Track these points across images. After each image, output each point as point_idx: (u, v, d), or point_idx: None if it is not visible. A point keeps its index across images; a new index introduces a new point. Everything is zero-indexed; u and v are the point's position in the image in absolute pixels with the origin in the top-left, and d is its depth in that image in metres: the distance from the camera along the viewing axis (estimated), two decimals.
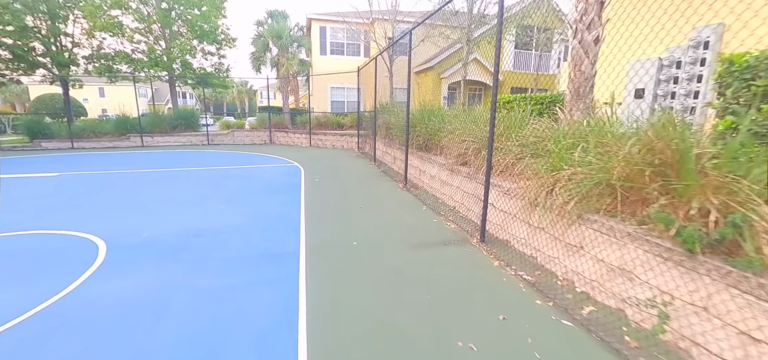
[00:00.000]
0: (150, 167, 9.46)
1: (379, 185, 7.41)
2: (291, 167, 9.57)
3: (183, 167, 9.50)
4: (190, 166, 9.79)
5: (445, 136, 6.78)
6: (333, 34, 19.44)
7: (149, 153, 12.92)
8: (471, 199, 5.16)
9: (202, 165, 9.97)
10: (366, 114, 13.94)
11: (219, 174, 8.50)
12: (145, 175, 8.45)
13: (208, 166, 9.68)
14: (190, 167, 9.50)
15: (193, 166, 9.65)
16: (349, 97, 20.15)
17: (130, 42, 17.23)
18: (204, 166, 9.82)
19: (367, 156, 11.82)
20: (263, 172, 8.84)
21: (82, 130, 16.81)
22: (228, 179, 7.83)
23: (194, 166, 9.64)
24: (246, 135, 16.43)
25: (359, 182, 7.68)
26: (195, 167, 9.50)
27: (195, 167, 9.50)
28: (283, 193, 6.62)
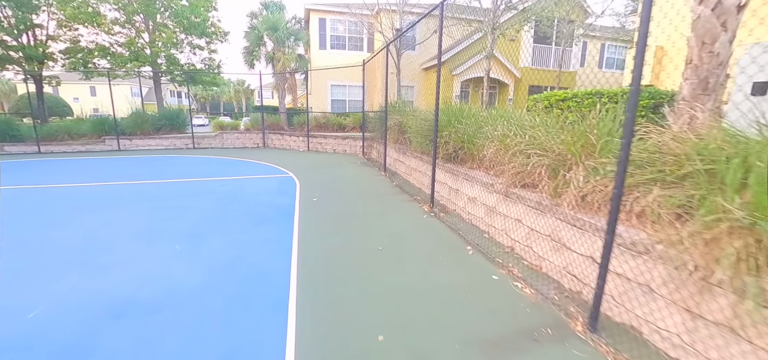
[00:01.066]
0: (111, 179, 7.73)
1: (398, 208, 5.69)
2: (284, 180, 7.84)
3: (152, 179, 7.78)
4: (162, 177, 8.06)
5: (485, 145, 5.08)
6: (333, 26, 17.72)
7: (121, 159, 11.18)
8: (547, 243, 3.44)
9: (176, 176, 8.24)
10: (372, 115, 12.24)
11: (192, 190, 6.77)
12: (97, 191, 6.72)
13: (182, 178, 7.95)
14: (160, 179, 7.78)
15: (164, 178, 7.92)
16: (351, 95, 18.44)
17: (109, 34, 15.47)
18: (178, 177, 8.09)
19: (375, 164, 10.10)
20: (249, 186, 7.11)
21: (56, 131, 15.11)
22: (201, 199, 6.10)
23: (166, 178, 7.92)
24: (236, 138, 14.70)
25: (371, 203, 5.95)
26: (166, 179, 7.78)
27: (166, 179, 7.78)
28: (270, 222, 4.90)
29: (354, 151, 12.40)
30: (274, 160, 10.62)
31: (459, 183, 5.34)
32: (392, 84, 17.69)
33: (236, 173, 8.58)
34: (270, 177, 8.15)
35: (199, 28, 16.85)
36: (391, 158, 8.88)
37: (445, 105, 7.14)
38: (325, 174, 8.52)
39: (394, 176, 8.15)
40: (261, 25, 16.68)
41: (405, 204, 5.88)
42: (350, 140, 12.50)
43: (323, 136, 13.14)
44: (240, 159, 11.04)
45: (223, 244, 4.05)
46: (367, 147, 11.79)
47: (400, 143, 9.06)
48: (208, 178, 7.99)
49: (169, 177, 8.08)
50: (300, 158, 11.29)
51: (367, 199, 6.15)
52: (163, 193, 6.53)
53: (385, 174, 8.47)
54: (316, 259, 3.66)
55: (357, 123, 15.50)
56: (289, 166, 9.48)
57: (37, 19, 15.33)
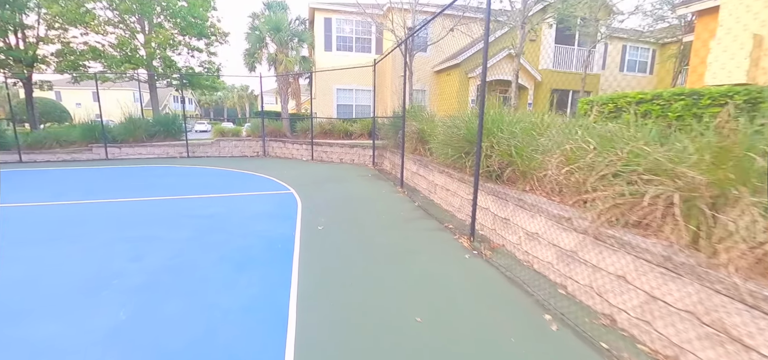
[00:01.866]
0: (79, 196, 6.54)
1: (428, 242, 4.42)
2: (283, 198, 6.61)
3: (127, 196, 6.58)
4: (140, 193, 6.86)
5: (545, 161, 3.82)
6: (340, 26, 16.60)
7: (104, 170, 10.04)
8: (692, 327, 2.15)
9: (157, 192, 7.04)
10: (384, 121, 11.02)
11: (170, 213, 5.55)
12: (55, 213, 5.53)
13: (163, 195, 6.75)
14: (136, 197, 6.58)
15: (142, 195, 6.72)
16: (358, 100, 17.27)
17: (99, 34, 14.44)
18: (159, 193, 6.89)
19: (389, 177, 8.84)
20: (240, 208, 5.88)
21: (43, 138, 14.09)
22: (177, 226, 4.87)
23: (144, 195, 6.72)
24: (235, 145, 13.55)
25: (392, 234, 4.68)
26: (143, 197, 6.58)
27: (143, 197, 6.58)
28: (260, 266, 3.65)
29: (363, 161, 11.17)
30: (273, 172, 9.41)
31: (509, 210, 4.06)
32: (402, 87, 16.49)
33: (228, 189, 7.36)
34: (267, 194, 6.92)
35: (197, 28, 15.79)
36: (409, 171, 7.63)
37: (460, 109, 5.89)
38: (331, 190, 7.27)
39: (414, 193, 6.88)
40: (263, 25, 15.63)
41: (435, 235, 4.60)
42: (359, 149, 11.28)
43: (328, 145, 11.93)
44: (236, 170, 9.85)
45: (185, 309, 2.79)
46: (378, 157, 10.56)
47: (419, 154, 7.82)
48: (193, 195, 6.78)
49: (148, 193, 6.88)
50: (303, 169, 10.08)
51: (386, 227, 4.88)
52: (134, 216, 5.31)
53: (402, 190, 7.20)
54: (324, 345, 2.39)
55: (365, 130, 14.31)
56: (291, 180, 8.26)
57: (26, 19, 14.38)
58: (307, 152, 12.36)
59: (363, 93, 17.25)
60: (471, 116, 5.45)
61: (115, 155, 12.79)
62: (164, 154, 13.04)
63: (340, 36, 16.65)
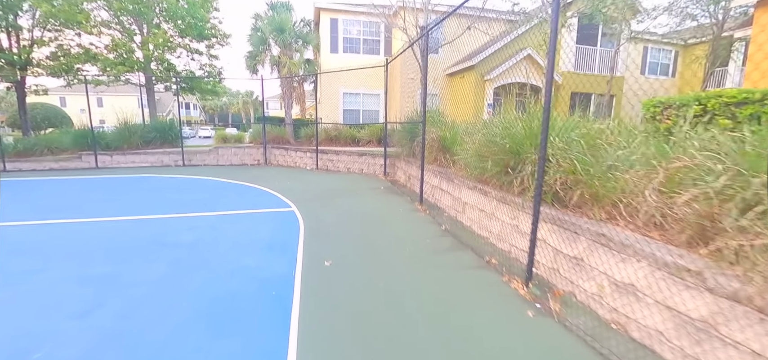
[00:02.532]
0: (42, 214, 5.60)
1: (473, 287, 3.39)
2: (283, 218, 5.62)
3: (103, 215, 5.64)
4: (118, 212, 5.92)
5: (631, 184, 2.81)
6: (346, 27, 15.73)
7: (90, 180, 9.16)
8: None
9: (136, 209, 6.09)
10: (396, 127, 10.04)
11: (143, 238, 4.59)
12: (12, 237, 4.59)
13: (140, 214, 5.80)
14: (113, 216, 5.63)
15: (121, 214, 5.78)
16: (365, 104, 16.34)
17: (93, 35, 13.66)
18: (137, 212, 5.94)
19: (404, 190, 7.84)
20: (229, 232, 4.89)
21: (34, 145, 13.34)
22: (147, 259, 3.90)
23: (123, 214, 5.77)
24: (234, 153, 12.64)
25: (422, 274, 3.65)
26: (122, 216, 5.63)
27: (122, 216, 5.63)
28: (247, 325, 2.66)
29: (373, 170, 10.17)
30: (274, 184, 8.45)
31: (581, 247, 3.03)
32: (414, 91, 15.58)
33: (220, 205, 6.40)
34: (264, 213, 5.94)
35: (197, 29, 14.99)
36: (430, 185, 6.61)
37: (476, 114, 4.89)
38: (340, 208, 6.27)
39: (437, 212, 5.86)
40: (266, 26, 14.82)
41: (478, 276, 3.57)
42: (368, 157, 10.28)
43: (335, 152, 10.97)
44: (233, 181, 8.91)
45: None
46: (390, 166, 9.57)
47: (440, 164, 6.82)
48: (179, 213, 5.81)
49: (128, 211, 5.93)
50: (307, 180, 9.11)
51: (412, 264, 3.86)
52: (103, 242, 4.35)
53: (422, 208, 6.19)
54: None
55: (374, 136, 13.36)
56: (293, 194, 7.28)
57: (18, 20, 13.68)
58: (311, 161, 11.41)
59: (371, 97, 16.33)
60: (513, 122, 4.44)
61: (106, 163, 11.94)
62: (159, 163, 12.17)
63: (347, 37, 15.77)
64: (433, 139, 6.92)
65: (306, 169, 11.36)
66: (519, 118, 4.27)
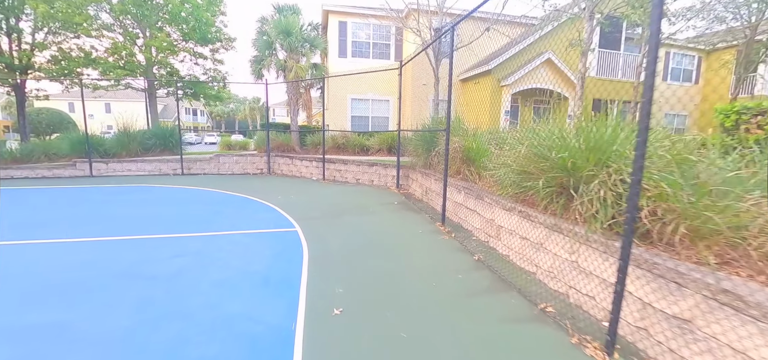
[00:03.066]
0: (9, 235, 4.87)
1: (530, 352, 2.53)
2: (283, 242, 4.82)
3: (76, 235, 4.89)
4: (94, 231, 5.17)
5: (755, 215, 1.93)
6: (355, 31, 15.06)
7: (78, 190, 8.48)
8: None
9: (117, 227, 5.33)
10: (409, 135, 9.23)
11: (114, 268, 3.81)
12: None
13: (122, 234, 5.03)
14: (86, 236, 4.87)
15: (95, 234, 5.02)
16: (374, 110, 15.59)
17: (92, 37, 13.14)
18: (118, 232, 5.18)
19: (420, 206, 6.99)
20: (217, 264, 4.09)
21: (31, 151, 12.84)
22: (110, 302, 3.11)
23: (98, 234, 5.02)
24: (236, 161, 11.92)
25: (460, 334, 2.79)
26: (95, 237, 4.87)
27: (95, 237, 4.87)
28: None
29: (384, 182, 9.35)
30: (276, 197, 7.67)
31: (689, 304, 2.15)
32: (425, 97, 14.82)
33: (213, 223, 5.62)
34: (263, 234, 5.14)
35: (200, 33, 14.42)
36: (453, 202, 5.77)
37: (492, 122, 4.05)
38: (350, 228, 5.45)
39: (464, 235, 5.02)
40: (272, 29, 14.21)
41: (536, 333, 2.70)
42: (379, 168, 9.47)
43: (343, 162, 10.18)
44: (232, 192, 8.16)
45: None
46: (404, 178, 8.75)
47: (463, 178, 5.99)
48: (162, 234, 5.04)
49: (103, 231, 5.17)
50: (313, 193, 8.32)
51: (444, 310, 3.01)
52: (63, 272, 3.58)
53: (445, 229, 5.34)
54: None
55: (384, 145, 12.58)
56: (296, 209, 6.49)
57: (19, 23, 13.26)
58: (317, 170, 10.64)
59: (380, 103, 15.59)
60: (560, 132, 3.59)
61: (101, 172, 11.30)
62: (156, 171, 11.50)
63: (356, 41, 15.09)
64: (456, 150, 6.09)
65: (312, 179, 10.59)
66: (584, 125, 3.42)
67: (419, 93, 14.47)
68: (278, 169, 11.85)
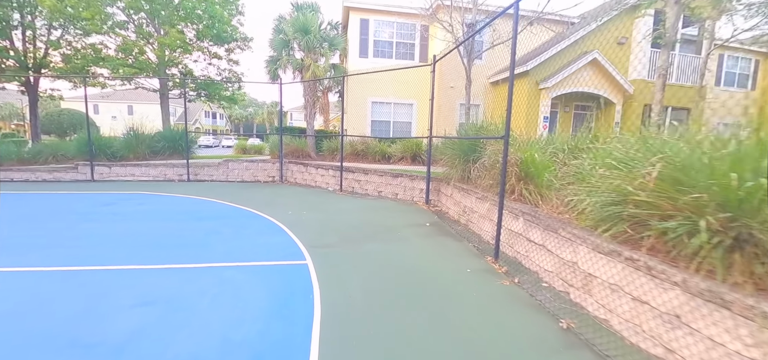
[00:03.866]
0: None
1: None
2: (289, 281, 3.65)
3: (26, 265, 3.87)
4: (53, 259, 4.14)
5: None
6: (378, 29, 13.98)
7: (69, 197, 7.64)
8: None
9: (86, 256, 4.29)
10: (439, 142, 7.98)
11: (43, 330, 2.72)
12: None
13: (90, 263, 3.98)
14: (41, 266, 3.84)
15: (54, 262, 3.99)
16: (396, 115, 14.41)
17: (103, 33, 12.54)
18: (85, 261, 4.13)
19: (458, 229, 5.70)
20: (194, 323, 2.93)
21: (39, 152, 12.39)
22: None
23: (58, 262, 3.98)
24: (246, 168, 10.94)
25: None
26: (54, 266, 3.83)
27: (54, 266, 3.83)
28: None
29: (411, 196, 8.11)
30: (286, 212, 6.56)
31: None
32: (453, 101, 13.54)
33: (203, 250, 4.52)
34: (263, 267, 3.99)
35: (215, 30, 13.64)
36: (508, 231, 4.47)
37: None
38: (374, 261, 4.24)
39: (530, 280, 3.71)
40: (289, 27, 13.31)
41: None
42: (405, 179, 8.24)
43: (363, 171, 9.00)
44: (237, 204, 7.11)
45: None
46: (435, 192, 7.49)
47: (519, 199, 4.69)
48: (135, 264, 3.95)
49: (64, 257, 4.14)
50: (329, 208, 7.17)
51: None
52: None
53: (500, 267, 4.04)
54: None
55: (408, 152, 11.36)
56: (309, 231, 5.34)
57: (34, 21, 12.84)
58: (334, 180, 9.51)
59: (402, 107, 14.40)
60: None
61: (103, 176, 10.53)
62: (161, 176, 10.64)
63: (379, 40, 13.99)
64: (510, 163, 4.81)
65: (327, 189, 9.46)
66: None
67: (447, 97, 13.22)
68: (291, 178, 10.80)
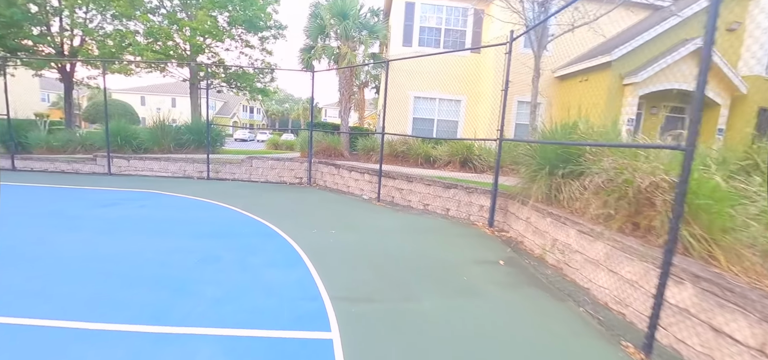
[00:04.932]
0: None
1: None
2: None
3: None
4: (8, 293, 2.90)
5: None
6: (425, 14, 12.29)
7: (67, 192, 6.69)
8: None
9: (14, 300, 3.04)
10: (511, 148, 6.18)
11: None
12: None
13: (9, 315, 2.67)
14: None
15: None
16: (441, 113, 12.65)
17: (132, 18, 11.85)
18: (6, 309, 2.85)
19: (550, 277, 3.90)
20: None
21: (68, 141, 12.00)
22: None
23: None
24: (271, 167, 9.68)
25: None
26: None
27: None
28: None
29: (467, 214, 6.37)
30: (309, 231, 5.09)
31: None
32: (510, 98, 11.60)
33: (178, 299, 3.10)
34: (261, 342, 2.48)
35: (248, 13, 12.57)
36: (673, 308, 2.65)
37: None
38: (440, 338, 2.61)
39: None
40: (326, 12, 11.99)
41: None
42: (459, 191, 6.49)
43: (406, 178, 7.37)
44: (250, 214, 5.76)
45: None
46: (501, 211, 5.73)
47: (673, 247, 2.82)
48: (74, 321, 2.60)
49: (14, 296, 2.90)
50: (363, 227, 5.63)
51: None
52: None
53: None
54: None
55: (455, 156, 9.58)
56: (337, 265, 3.83)
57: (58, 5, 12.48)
58: (370, 186, 7.97)
59: (449, 104, 12.62)
60: None
61: (121, 169, 9.71)
62: (180, 172, 9.64)
63: (425, 27, 12.30)
64: (653, 186, 2.98)
65: (362, 198, 7.94)
66: None
67: (501, 93, 11.26)
68: (321, 180, 9.40)
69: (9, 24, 10.57)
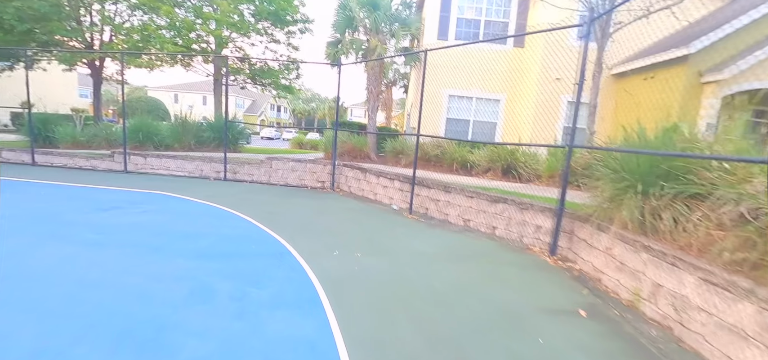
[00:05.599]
0: None
1: None
2: None
3: None
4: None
5: None
6: (462, 4, 11.18)
7: (72, 190, 6.18)
8: None
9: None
10: (583, 157, 5.01)
11: None
12: None
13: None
14: None
15: None
16: (478, 113, 11.48)
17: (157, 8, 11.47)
18: None
19: (657, 340, 2.78)
20: None
21: (93, 136, 11.91)
22: None
23: None
24: (292, 169, 8.90)
25: None
26: None
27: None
28: None
29: (519, 235, 5.24)
30: (330, 253, 4.19)
31: None
32: (557, 98, 10.26)
33: (163, 350, 2.26)
34: None
35: (272, 5, 11.95)
36: None
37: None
38: None
39: None
40: (354, 3, 11.14)
41: None
42: (510, 207, 5.37)
43: (443, 187, 6.32)
44: (262, 225, 4.94)
45: None
46: (567, 235, 4.58)
47: None
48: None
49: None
50: (395, 250, 4.65)
51: None
52: None
53: None
54: None
55: (497, 163, 8.39)
56: (364, 308, 2.90)
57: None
58: (400, 195, 7.00)
59: (487, 104, 11.43)
60: None
61: (138, 166, 9.27)
62: (197, 172, 9.07)
63: (463, 18, 11.19)
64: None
65: (391, 208, 6.97)
66: None
67: (549, 92, 9.96)
68: (345, 185, 8.53)
69: (38, 17, 10.46)
